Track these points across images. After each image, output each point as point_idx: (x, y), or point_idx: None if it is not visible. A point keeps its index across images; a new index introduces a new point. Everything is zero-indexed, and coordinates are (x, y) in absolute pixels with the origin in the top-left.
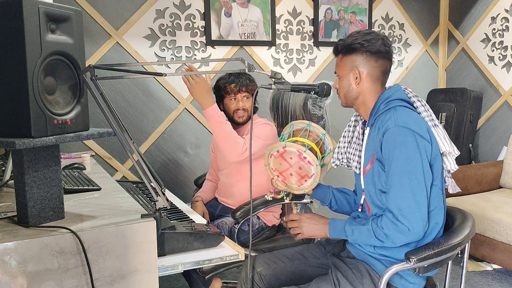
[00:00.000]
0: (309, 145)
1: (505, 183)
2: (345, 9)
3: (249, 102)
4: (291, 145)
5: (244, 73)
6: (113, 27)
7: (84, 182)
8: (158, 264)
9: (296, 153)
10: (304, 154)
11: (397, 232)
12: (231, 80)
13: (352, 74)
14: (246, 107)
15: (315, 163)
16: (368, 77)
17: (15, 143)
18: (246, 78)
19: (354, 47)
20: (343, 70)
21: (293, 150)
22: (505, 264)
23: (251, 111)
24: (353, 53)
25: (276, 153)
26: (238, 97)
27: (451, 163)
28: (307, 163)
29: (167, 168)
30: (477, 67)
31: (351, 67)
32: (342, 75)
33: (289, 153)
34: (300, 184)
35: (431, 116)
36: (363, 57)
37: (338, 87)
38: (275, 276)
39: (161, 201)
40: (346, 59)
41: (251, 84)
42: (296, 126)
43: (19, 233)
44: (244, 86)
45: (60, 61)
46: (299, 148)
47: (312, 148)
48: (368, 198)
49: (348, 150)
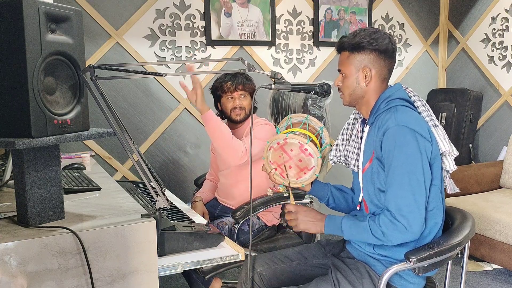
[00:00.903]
0: (311, 137)
1: (505, 183)
2: (345, 9)
3: (246, 100)
4: (292, 136)
5: (241, 72)
6: (113, 27)
7: (84, 182)
8: (158, 264)
9: (298, 144)
10: (305, 146)
11: (394, 231)
12: (228, 79)
13: (362, 73)
14: (243, 105)
15: (316, 155)
16: (377, 76)
17: (15, 143)
18: (243, 77)
19: (363, 45)
20: (350, 68)
21: (295, 141)
22: (505, 264)
23: (251, 111)
24: (361, 52)
25: (276, 145)
26: (234, 95)
27: (450, 163)
28: (308, 155)
29: (167, 168)
30: (477, 67)
31: (360, 66)
32: (348, 73)
33: (290, 145)
34: (299, 177)
35: (431, 116)
36: (373, 56)
37: (342, 86)
38: (275, 276)
39: (161, 201)
40: (354, 57)
41: (247, 83)
42: (294, 119)
43: (19, 233)
44: (241, 85)
45: (60, 61)
46: (300, 140)
47: (313, 140)
48: (367, 197)
49: (347, 147)
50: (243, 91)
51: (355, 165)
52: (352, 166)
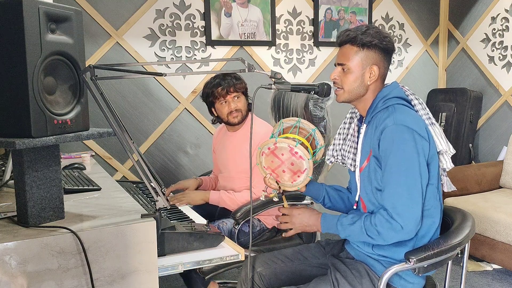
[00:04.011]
0: (300, 140)
1: (505, 183)
2: (345, 9)
3: (240, 101)
4: (281, 141)
5: (229, 73)
6: (113, 27)
7: (84, 182)
8: (158, 264)
9: (287, 148)
10: (295, 149)
11: (390, 230)
12: (217, 83)
13: (369, 70)
14: (239, 107)
15: (306, 157)
16: (380, 75)
17: (15, 143)
18: (232, 77)
19: (374, 43)
20: (356, 63)
21: (284, 145)
22: (505, 264)
23: (251, 110)
24: (371, 49)
25: (267, 150)
26: (228, 99)
27: (447, 162)
28: (299, 157)
29: (167, 168)
30: (477, 67)
31: (368, 64)
32: (354, 68)
33: (280, 149)
34: (293, 181)
35: (428, 115)
36: (381, 56)
37: (342, 80)
38: (275, 276)
39: (161, 201)
40: (363, 53)
41: (238, 83)
42: (285, 123)
43: (19, 233)
44: (232, 87)
45: (60, 61)
46: (289, 143)
47: (303, 143)
48: (364, 196)
49: (343, 147)
50: (235, 92)
51: (352, 164)
52: (349, 165)
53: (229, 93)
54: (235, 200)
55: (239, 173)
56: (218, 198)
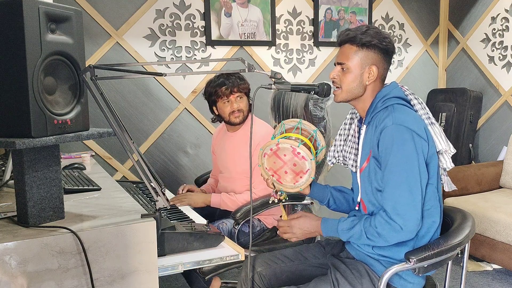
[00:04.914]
0: (303, 140)
1: (505, 183)
2: (345, 9)
3: (243, 102)
4: (284, 141)
5: (233, 73)
6: (113, 27)
7: (84, 182)
8: (158, 264)
9: (290, 149)
10: (298, 150)
11: (390, 230)
12: (221, 82)
13: (367, 70)
14: (241, 108)
15: (309, 157)
16: (379, 76)
17: (15, 143)
18: (236, 77)
19: (374, 43)
20: (357, 63)
21: (287, 146)
22: (505, 264)
23: (251, 110)
24: (370, 49)
25: (269, 151)
26: (231, 98)
27: (447, 161)
28: (301, 158)
29: (167, 168)
30: (477, 67)
31: (368, 64)
32: (353, 67)
33: (283, 150)
34: (296, 182)
35: (427, 114)
36: (381, 56)
37: (341, 79)
38: (275, 276)
39: (161, 201)
40: (363, 53)
41: (242, 83)
42: (287, 125)
43: (19, 233)
44: (236, 87)
45: (60, 61)
46: (292, 144)
47: (306, 143)
48: (364, 196)
49: (344, 148)
50: (239, 92)
51: (353, 165)
52: (350, 166)
53: (233, 93)
54: (237, 202)
55: (239, 174)
56: (219, 201)
